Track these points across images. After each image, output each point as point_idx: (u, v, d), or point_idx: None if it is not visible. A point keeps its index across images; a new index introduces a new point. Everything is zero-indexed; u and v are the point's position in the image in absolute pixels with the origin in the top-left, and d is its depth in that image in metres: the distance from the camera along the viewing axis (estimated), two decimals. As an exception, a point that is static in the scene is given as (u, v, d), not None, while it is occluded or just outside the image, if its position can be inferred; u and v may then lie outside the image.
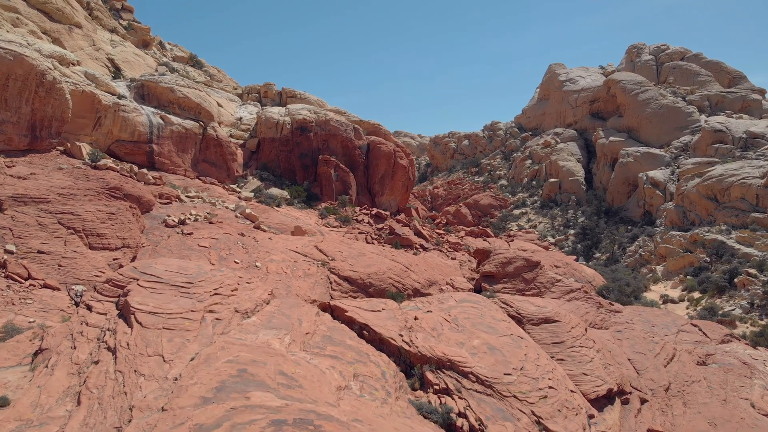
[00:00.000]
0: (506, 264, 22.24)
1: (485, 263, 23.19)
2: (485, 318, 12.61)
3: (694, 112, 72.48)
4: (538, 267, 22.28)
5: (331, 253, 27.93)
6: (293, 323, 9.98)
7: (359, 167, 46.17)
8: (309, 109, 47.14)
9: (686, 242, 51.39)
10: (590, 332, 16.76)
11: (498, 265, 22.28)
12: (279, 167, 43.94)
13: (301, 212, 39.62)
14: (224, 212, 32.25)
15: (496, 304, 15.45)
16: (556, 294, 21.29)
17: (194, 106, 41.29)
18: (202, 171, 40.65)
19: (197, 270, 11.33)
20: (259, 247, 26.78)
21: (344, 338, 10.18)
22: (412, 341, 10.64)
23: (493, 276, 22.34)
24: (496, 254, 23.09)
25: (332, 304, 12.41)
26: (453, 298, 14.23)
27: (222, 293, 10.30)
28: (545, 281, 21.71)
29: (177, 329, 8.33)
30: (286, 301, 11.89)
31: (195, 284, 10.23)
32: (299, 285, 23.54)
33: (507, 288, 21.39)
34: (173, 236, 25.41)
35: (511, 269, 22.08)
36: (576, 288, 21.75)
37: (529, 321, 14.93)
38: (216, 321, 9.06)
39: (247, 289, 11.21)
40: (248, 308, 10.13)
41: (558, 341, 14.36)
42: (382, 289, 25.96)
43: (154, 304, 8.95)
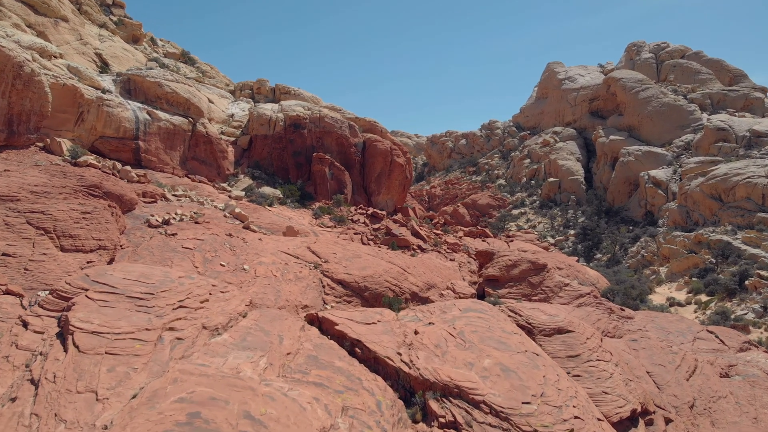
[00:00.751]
0: (511, 267, 20.78)
1: (488, 266, 21.73)
2: (494, 331, 11.15)
3: (695, 111, 71.24)
4: (544, 270, 20.83)
5: (324, 255, 26.44)
6: (272, 341, 8.51)
7: (355, 165, 44.68)
8: (303, 105, 45.63)
9: (690, 243, 50.06)
10: (605, 342, 15.31)
11: (502, 268, 20.82)
12: (272, 165, 42.41)
13: (294, 212, 38.12)
14: (212, 212, 30.72)
15: (503, 313, 13.99)
16: (564, 299, 19.85)
17: (183, 101, 39.74)
18: (192, 169, 39.11)
19: (162, 277, 9.81)
20: (247, 248, 25.27)
21: (333, 358, 8.71)
22: (412, 361, 9.17)
23: (497, 280, 20.88)
24: (500, 257, 21.63)
25: (321, 315, 10.94)
26: (456, 306, 12.77)
27: (189, 305, 8.81)
28: (552, 285, 20.27)
29: (123, 354, 6.82)
30: (266, 313, 10.41)
31: (156, 295, 8.72)
32: (290, 289, 22.03)
33: (512, 293, 19.95)
34: (156, 237, 23.88)
35: (516, 273, 20.63)
36: (585, 292, 20.31)
37: (540, 332, 13.48)
38: (176, 341, 7.57)
39: (220, 300, 9.72)
40: (219, 323, 8.66)
41: (573, 354, 12.91)
42: (378, 293, 24.50)
43: (99, 322, 7.43)
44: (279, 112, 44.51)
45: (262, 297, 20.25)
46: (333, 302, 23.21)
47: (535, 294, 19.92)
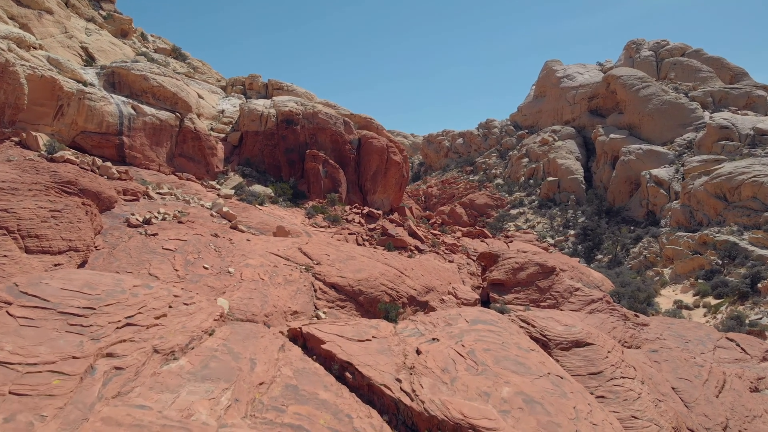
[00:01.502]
0: (518, 270, 19.23)
1: (493, 269, 20.17)
2: (509, 348, 9.61)
3: (697, 109, 69.93)
4: (553, 274, 19.29)
5: (316, 257, 24.84)
6: (242, 367, 6.94)
7: (350, 163, 43.08)
8: (296, 101, 44.00)
9: (695, 243, 48.66)
10: (626, 355, 13.75)
11: (508, 271, 19.26)
12: (263, 163, 40.75)
13: (286, 211, 36.48)
14: (199, 211, 29.08)
15: (514, 323, 12.41)
16: (575, 305, 18.32)
17: (170, 95, 38.05)
18: (179, 166, 37.44)
19: (112, 287, 8.18)
20: (234, 249, 23.64)
21: (317, 388, 7.14)
22: (415, 391, 7.59)
23: (503, 284, 19.33)
24: (506, 259, 20.07)
25: (305, 331, 9.38)
26: (463, 317, 11.23)
27: (139, 322, 7.21)
28: (562, 290, 18.74)
29: (32, 394, 5.18)
30: (239, 329, 8.83)
31: (98, 310, 7.10)
32: (278, 294, 20.42)
33: (519, 298, 18.40)
34: (135, 237, 22.22)
35: (523, 276, 19.08)
36: (597, 298, 18.78)
37: (557, 345, 11.92)
38: (113, 373, 5.98)
39: (182, 314, 8.14)
40: (177, 345, 7.08)
41: (595, 371, 11.35)
42: (374, 298, 22.93)
43: (12, 348, 5.76)
44: (271, 107, 42.88)
45: (247, 303, 18.66)
46: (325, 307, 21.63)
47: (544, 300, 18.39)
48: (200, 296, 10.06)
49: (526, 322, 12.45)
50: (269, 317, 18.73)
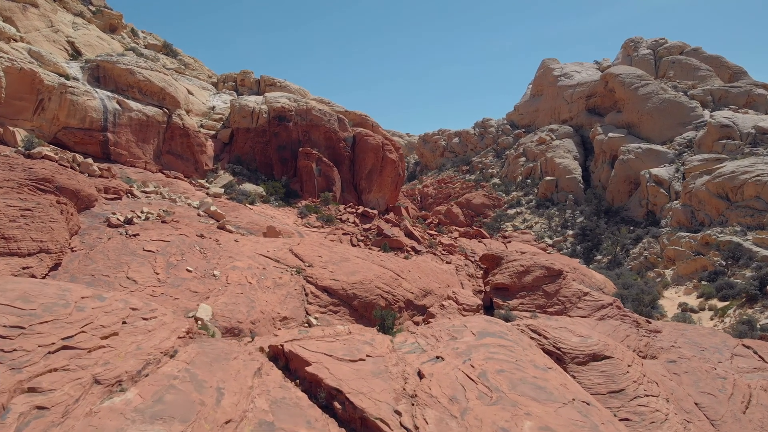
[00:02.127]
0: (523, 274, 17.99)
1: (496, 272, 18.92)
2: (525, 367, 8.39)
3: (697, 107, 68.97)
4: (560, 277, 18.07)
5: (308, 258, 23.56)
6: (205, 401, 5.68)
7: (344, 161, 41.78)
8: (289, 97, 42.68)
9: (697, 244, 47.60)
10: (645, 368, 12.52)
11: (513, 275, 18.01)
12: (254, 161, 39.41)
13: (278, 210, 35.16)
14: (185, 210, 27.74)
15: (524, 334, 11.17)
16: (584, 311, 17.11)
17: (157, 90, 36.66)
18: (167, 164, 36.06)
19: (54, 299, 6.84)
20: (221, 251, 22.33)
21: (298, 426, 5.86)
22: (418, 429, 6.33)
23: (508, 289, 18.08)
24: (510, 262, 18.82)
25: (287, 350, 8.12)
26: (468, 328, 10.01)
27: (80, 345, 5.91)
28: (570, 295, 17.52)
29: None
30: (208, 348, 7.55)
31: (29, 330, 5.77)
32: (266, 298, 19.14)
33: (525, 304, 17.16)
34: (115, 238, 20.89)
35: (528, 280, 17.84)
36: (607, 303, 17.57)
37: (572, 359, 10.70)
38: (32, 414, 4.69)
39: (138, 331, 6.85)
40: (125, 372, 5.81)
41: (616, 389, 10.13)
42: (369, 302, 21.68)
43: None
44: (263, 104, 41.55)
45: (232, 309, 17.36)
46: (317, 313, 20.37)
47: (551, 305, 17.16)
48: (164, 308, 8.74)
49: (538, 333, 11.22)
50: (256, 324, 17.44)
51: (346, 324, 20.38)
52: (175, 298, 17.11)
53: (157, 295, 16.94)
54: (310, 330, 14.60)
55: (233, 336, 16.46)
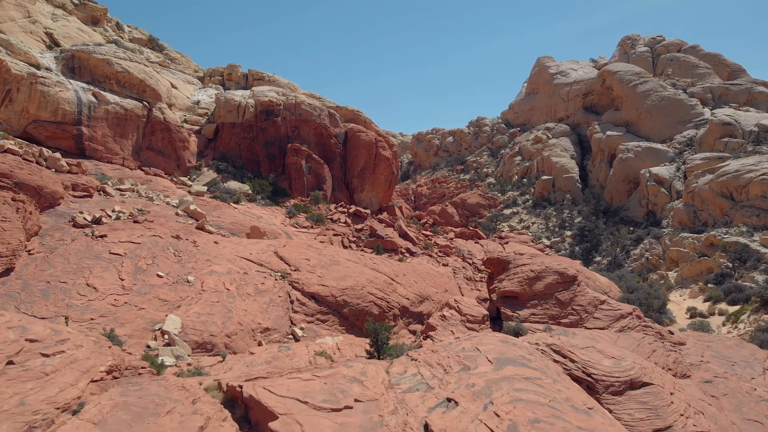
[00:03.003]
0: (534, 280, 16.07)
1: (503, 278, 16.99)
2: (563, 411, 6.52)
3: (697, 105, 67.43)
4: (575, 284, 16.19)
5: (294, 262, 21.57)
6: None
7: (335, 158, 39.81)
8: (277, 91, 40.65)
9: (701, 245, 45.95)
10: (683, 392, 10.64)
11: (523, 282, 16.09)
12: (240, 157, 37.37)
13: (265, 210, 33.17)
14: (162, 209, 25.70)
15: (545, 356, 9.24)
16: (601, 321, 15.25)
17: (137, 82, 34.58)
18: (147, 160, 33.99)
19: None
20: (197, 254, 20.32)
21: None
22: None
23: (517, 297, 16.16)
24: (518, 267, 16.89)
25: (247, 394, 6.18)
26: (482, 352, 8.13)
27: None
28: (586, 304, 15.65)
29: None
30: (135, 395, 5.60)
31: None
32: (246, 307, 17.14)
33: (537, 315, 15.26)
34: (79, 240, 18.85)
35: (540, 287, 15.94)
36: (627, 312, 15.72)
37: (607, 388, 8.82)
38: None
39: (30, 375, 4.78)
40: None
41: (662, 426, 8.31)
42: (360, 310, 19.73)
43: None
44: (250, 98, 39.52)
45: (205, 320, 15.35)
46: (303, 322, 18.40)
47: (565, 315, 15.30)
48: (83, 336, 6.77)
49: (562, 355, 9.33)
50: (232, 338, 15.45)
51: (336, 335, 18.45)
52: (140, 308, 15.11)
53: (120, 305, 14.94)
54: (291, 348, 12.62)
55: (205, 352, 14.47)
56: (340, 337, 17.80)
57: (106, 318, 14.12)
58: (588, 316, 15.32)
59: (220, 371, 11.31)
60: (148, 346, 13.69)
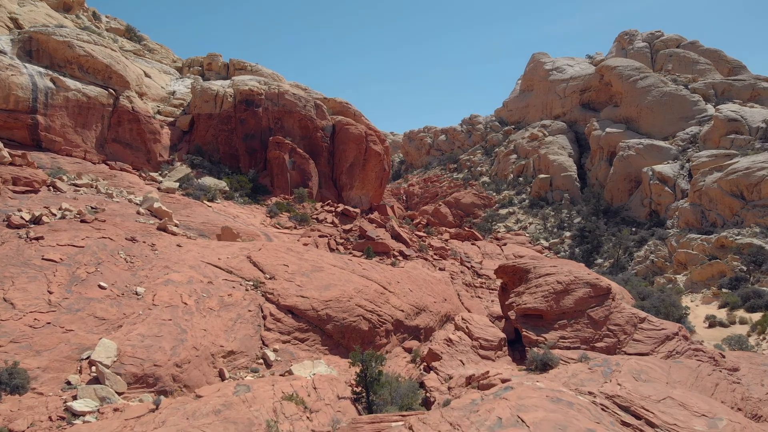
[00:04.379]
0: (561, 295, 13.08)
1: (522, 291, 13.97)
2: None
3: (699, 101, 64.98)
4: (609, 297, 13.26)
5: (270, 269, 18.48)
6: None
7: (322, 153, 36.71)
8: (259, 80, 37.48)
9: (711, 247, 43.31)
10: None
11: (549, 296, 13.08)
12: (217, 151, 34.21)
13: (243, 208, 30.06)
14: (121, 207, 22.52)
15: (607, 413, 6.22)
16: (644, 344, 12.34)
17: (102, 68, 31.34)
18: (113, 154, 30.77)
19: None
20: (154, 259, 17.18)
21: None
22: None
23: (542, 316, 13.14)
24: (541, 277, 13.87)
25: None
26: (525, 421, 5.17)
27: None
28: (623, 322, 12.73)
29: None
30: None
31: None
32: (206, 326, 14.04)
33: (567, 338, 12.29)
34: (9, 242, 15.66)
35: (569, 304, 12.97)
36: (672, 332, 12.82)
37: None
38: None
39: None
40: None
41: None
42: (347, 326, 16.68)
43: None
44: (229, 87, 36.34)
45: (149, 345, 12.23)
46: (277, 342, 15.32)
47: (600, 337, 12.37)
48: None
49: (633, 413, 6.34)
50: (183, 367, 12.33)
51: (317, 357, 15.37)
52: (67, 330, 11.97)
53: (40, 326, 11.79)
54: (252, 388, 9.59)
55: (145, 387, 11.31)
56: (321, 360, 14.75)
57: (17, 344, 10.99)
58: (627, 338, 12.41)
59: (149, 427, 8.22)
60: (68, 382, 10.57)
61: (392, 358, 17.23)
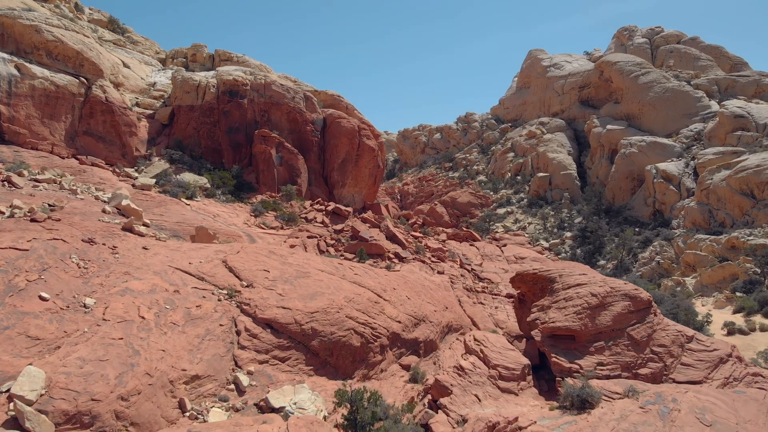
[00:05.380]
0: (597, 310, 10.81)
1: (547, 306, 11.69)
2: None
3: (703, 97, 63.05)
4: (650, 311, 11.04)
5: (248, 275, 16.18)
6: None
7: (312, 148, 34.40)
8: (244, 70, 35.11)
9: (721, 248, 41.30)
10: None
11: (582, 312, 10.79)
12: (199, 145, 31.87)
13: (225, 207, 27.71)
14: (85, 205, 20.19)
15: None
16: (695, 369, 10.17)
17: (73, 54, 28.94)
18: (84, 147, 28.39)
19: None
20: (114, 264, 14.86)
21: None
22: None
23: (574, 337, 10.89)
24: (570, 288, 11.58)
25: None
26: None
27: None
28: (669, 343, 10.54)
29: None
30: None
31: None
32: (166, 345, 11.75)
33: (606, 365, 10.03)
34: (-61, 246, 13.28)
35: (606, 321, 10.73)
36: (725, 353, 10.66)
37: None
38: None
39: None
40: None
41: None
42: (336, 341, 14.43)
43: None
44: (213, 77, 33.97)
45: (88, 374, 9.91)
46: (253, 363, 13.05)
47: (643, 363, 10.18)
48: None
49: None
50: (131, 400, 10.02)
51: (300, 380, 13.10)
52: None
53: (-51, 351, 9.48)
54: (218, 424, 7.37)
55: (79, 428, 9.04)
56: (304, 385, 12.47)
57: None
58: (674, 361, 10.25)
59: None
60: (-27, 426, 8.25)
61: (387, 377, 15.01)
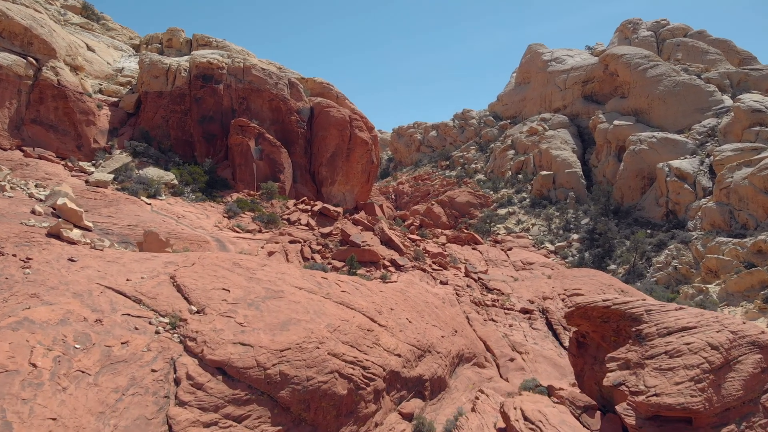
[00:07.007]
0: (721, 373, 6.72)
1: (637, 363, 7.45)
2: None
3: (715, 92, 59.74)
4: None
5: (200, 295, 12.31)
6: None
7: (298, 141, 30.66)
8: (221, 54, 31.30)
9: (746, 252, 37.89)
10: None
11: (701, 380, 6.62)
12: (168, 137, 28.09)
13: (194, 206, 23.93)
14: (10, 204, 16.41)
15: None
16: None
17: (20, 31, 25.09)
18: (32, 137, 24.57)
19: None
20: (21, 282, 11.04)
21: None
22: None
23: (692, 419, 7.14)
24: (671, 334, 7.25)
25: None
26: None
27: None
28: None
29: None
30: None
31: None
32: (60, 409, 7.97)
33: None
34: None
35: (735, 389, 6.81)
36: None
37: None
38: None
39: None
40: None
41: None
42: (314, 391, 10.51)
43: None
44: (185, 60, 30.14)
45: None
46: (195, 427, 9.29)
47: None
48: None
49: None
50: None
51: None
52: None
53: None
54: None
55: None
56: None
57: None
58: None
59: None
60: None
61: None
